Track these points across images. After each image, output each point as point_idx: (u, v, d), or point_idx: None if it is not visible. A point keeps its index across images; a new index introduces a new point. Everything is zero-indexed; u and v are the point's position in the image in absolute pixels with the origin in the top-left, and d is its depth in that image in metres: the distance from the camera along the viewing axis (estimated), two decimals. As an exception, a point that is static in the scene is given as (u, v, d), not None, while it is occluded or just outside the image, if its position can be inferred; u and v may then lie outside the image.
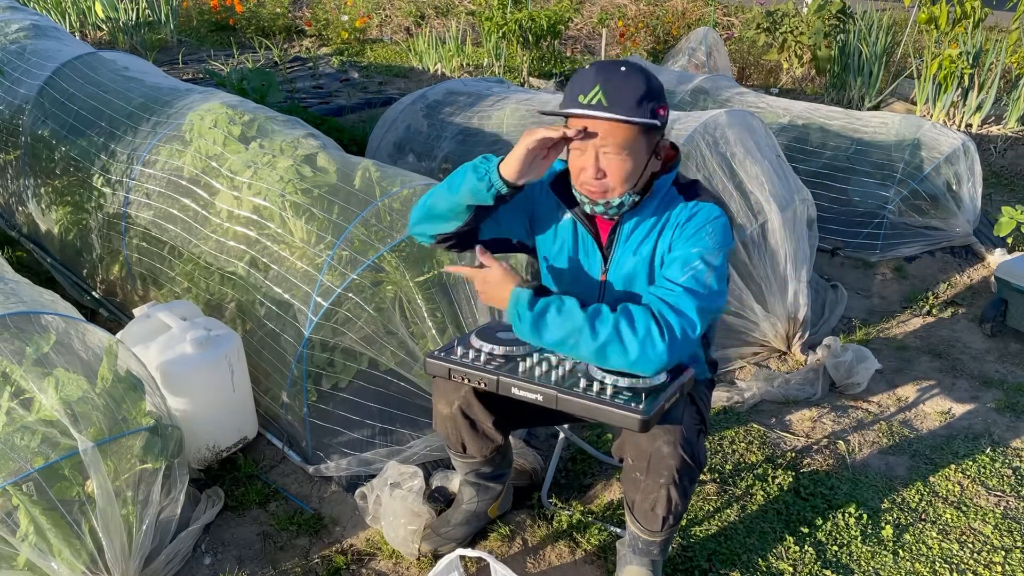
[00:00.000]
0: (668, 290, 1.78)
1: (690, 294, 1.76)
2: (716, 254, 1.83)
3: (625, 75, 1.75)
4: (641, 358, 1.72)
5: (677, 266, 1.82)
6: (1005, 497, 2.62)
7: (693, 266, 1.80)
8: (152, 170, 3.16)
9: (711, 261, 1.81)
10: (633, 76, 1.76)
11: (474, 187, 1.82)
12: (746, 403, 3.02)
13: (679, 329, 1.73)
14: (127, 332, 2.53)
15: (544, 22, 7.21)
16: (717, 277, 1.81)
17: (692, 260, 1.81)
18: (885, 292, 3.94)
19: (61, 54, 4.08)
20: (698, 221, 1.86)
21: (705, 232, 1.84)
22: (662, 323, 1.72)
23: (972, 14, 6.21)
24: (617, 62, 1.79)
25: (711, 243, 1.83)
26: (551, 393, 1.81)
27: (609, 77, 1.75)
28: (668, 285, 1.80)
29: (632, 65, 1.79)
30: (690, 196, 1.90)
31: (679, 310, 1.74)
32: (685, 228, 1.86)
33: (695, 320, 1.74)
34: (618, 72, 1.76)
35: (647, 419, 1.74)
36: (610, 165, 1.78)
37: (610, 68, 1.77)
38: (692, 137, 3.11)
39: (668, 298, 1.77)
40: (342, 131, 5.22)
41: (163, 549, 2.19)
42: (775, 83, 7.46)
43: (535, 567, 2.29)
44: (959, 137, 4.28)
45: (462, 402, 2.05)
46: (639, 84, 1.75)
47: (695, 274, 1.79)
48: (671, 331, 1.72)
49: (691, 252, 1.82)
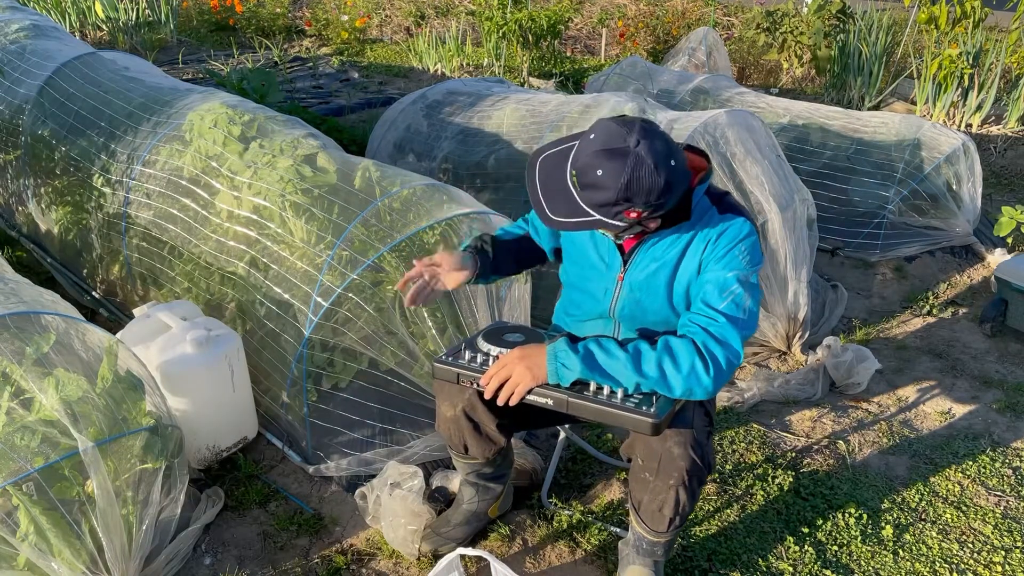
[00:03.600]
0: (711, 319, 1.79)
1: (732, 323, 1.78)
2: (751, 274, 1.84)
3: (599, 179, 1.67)
4: (686, 392, 1.75)
5: (715, 291, 1.82)
6: (1005, 497, 2.62)
7: (732, 290, 1.80)
8: (152, 170, 3.16)
9: (747, 283, 1.82)
10: (605, 181, 1.66)
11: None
12: (746, 403, 3.02)
13: (724, 361, 1.75)
14: (127, 332, 2.53)
15: (544, 22, 7.22)
16: (754, 299, 1.83)
17: (730, 284, 1.81)
18: (885, 292, 3.94)
19: (61, 54, 4.08)
20: (730, 238, 1.85)
21: (738, 251, 1.84)
22: (707, 357, 1.74)
23: (972, 14, 6.21)
24: (608, 150, 1.67)
25: (745, 263, 1.84)
26: (562, 398, 1.81)
27: (585, 171, 1.68)
28: (710, 313, 1.80)
29: (615, 163, 1.66)
30: (723, 208, 1.90)
31: (724, 342, 1.76)
32: (717, 245, 1.85)
33: (739, 351, 1.77)
34: (593, 173, 1.68)
35: (658, 422, 1.74)
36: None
37: (595, 162, 1.68)
38: (692, 137, 3.11)
39: (712, 329, 1.77)
40: (342, 131, 5.22)
41: (163, 549, 2.19)
42: (775, 83, 7.46)
43: (535, 567, 2.29)
44: (959, 137, 4.28)
45: (466, 404, 2.05)
46: (606, 193, 1.67)
47: (735, 299, 1.80)
48: (716, 364, 1.74)
49: (727, 276, 1.82)
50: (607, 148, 1.68)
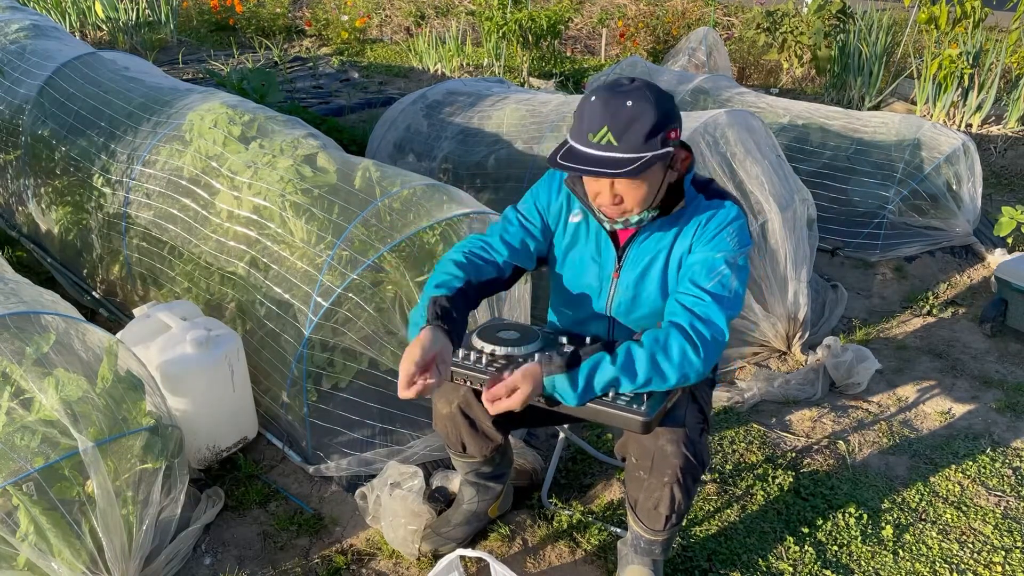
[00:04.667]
0: (697, 299, 1.81)
1: (718, 303, 1.80)
2: (739, 256, 1.87)
3: (632, 110, 1.71)
4: (681, 379, 1.76)
5: (702, 271, 1.84)
6: (1005, 497, 2.62)
7: (719, 271, 1.83)
8: (152, 170, 3.16)
9: (735, 264, 1.85)
10: (640, 108, 1.71)
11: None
12: (746, 403, 3.02)
13: (711, 339, 1.77)
14: (127, 332, 2.53)
15: (544, 22, 7.22)
16: (741, 280, 1.85)
17: (718, 265, 1.84)
18: (885, 292, 3.94)
19: (61, 54, 4.08)
20: (719, 222, 1.88)
21: (727, 234, 1.87)
22: (695, 338, 1.76)
23: (972, 14, 6.21)
24: (622, 91, 1.74)
25: (733, 245, 1.87)
26: (554, 397, 1.81)
27: (616, 114, 1.71)
28: (696, 293, 1.82)
29: (637, 92, 1.73)
30: (709, 194, 1.93)
31: (709, 321, 1.78)
32: (706, 229, 1.88)
33: (724, 329, 1.79)
34: (624, 108, 1.71)
35: (648, 420, 1.75)
36: (625, 192, 1.80)
37: (616, 103, 1.72)
38: (692, 137, 3.11)
39: (698, 309, 1.79)
40: (342, 131, 5.22)
41: (163, 549, 2.19)
42: (775, 83, 7.46)
43: (535, 567, 2.29)
44: (959, 137, 4.28)
45: (461, 401, 2.05)
46: (647, 117, 1.71)
47: (722, 279, 1.82)
48: (704, 343, 1.76)
49: (715, 256, 1.85)
50: (616, 91, 1.74)
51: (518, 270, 2.01)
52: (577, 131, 1.77)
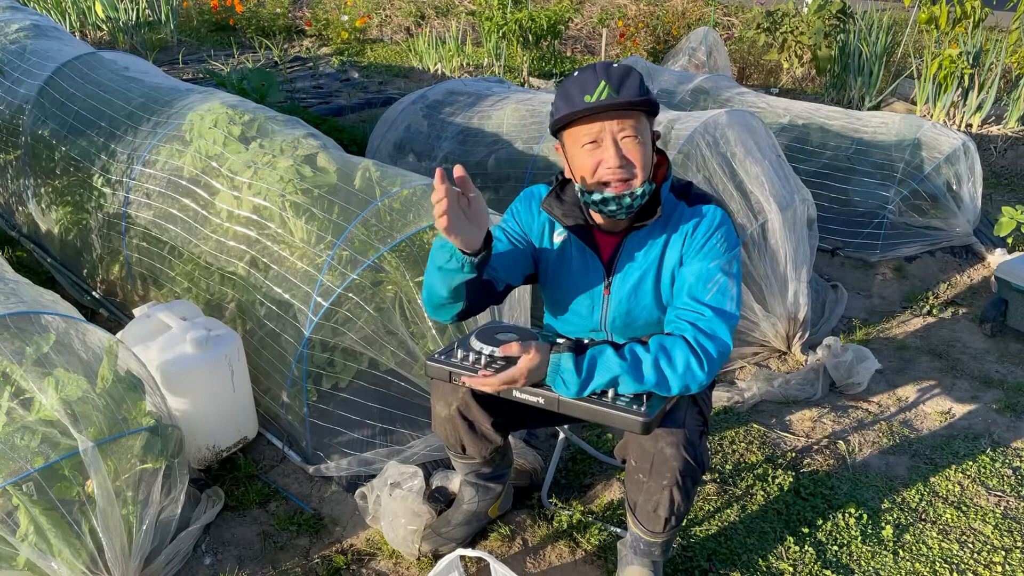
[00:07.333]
0: (699, 314, 1.82)
1: (720, 315, 1.81)
2: (731, 261, 1.88)
3: (622, 68, 1.81)
4: (683, 389, 1.77)
5: (699, 283, 1.85)
6: (1005, 497, 2.62)
7: (716, 280, 1.84)
8: (152, 170, 3.16)
9: (729, 271, 1.87)
10: (628, 68, 1.82)
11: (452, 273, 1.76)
12: (746, 403, 3.02)
13: (716, 354, 1.78)
14: (127, 332, 2.53)
15: (544, 22, 7.22)
16: (737, 284, 1.87)
17: (714, 274, 1.85)
18: (885, 292, 3.94)
19: (61, 54, 4.08)
20: (706, 227, 1.89)
21: (715, 240, 1.88)
22: (699, 352, 1.77)
23: (972, 14, 6.21)
24: (603, 63, 1.84)
25: (724, 250, 1.88)
26: (552, 397, 1.81)
27: (608, 73, 1.80)
28: (697, 308, 1.83)
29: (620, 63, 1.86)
30: (692, 200, 1.93)
31: (713, 335, 1.79)
32: (695, 238, 1.89)
33: (728, 342, 1.81)
34: (614, 68, 1.82)
35: (648, 421, 1.74)
36: (631, 151, 1.80)
37: (603, 67, 1.82)
38: (692, 137, 3.11)
39: (701, 324, 1.80)
40: (342, 131, 5.22)
41: (163, 549, 2.19)
42: (775, 83, 7.46)
43: (535, 567, 2.29)
44: (959, 137, 4.28)
45: (460, 403, 2.05)
46: (636, 74, 1.81)
47: (719, 289, 1.84)
48: (709, 358, 1.77)
49: (709, 266, 1.86)
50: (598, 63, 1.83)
51: (508, 287, 1.99)
52: (570, 101, 1.80)
